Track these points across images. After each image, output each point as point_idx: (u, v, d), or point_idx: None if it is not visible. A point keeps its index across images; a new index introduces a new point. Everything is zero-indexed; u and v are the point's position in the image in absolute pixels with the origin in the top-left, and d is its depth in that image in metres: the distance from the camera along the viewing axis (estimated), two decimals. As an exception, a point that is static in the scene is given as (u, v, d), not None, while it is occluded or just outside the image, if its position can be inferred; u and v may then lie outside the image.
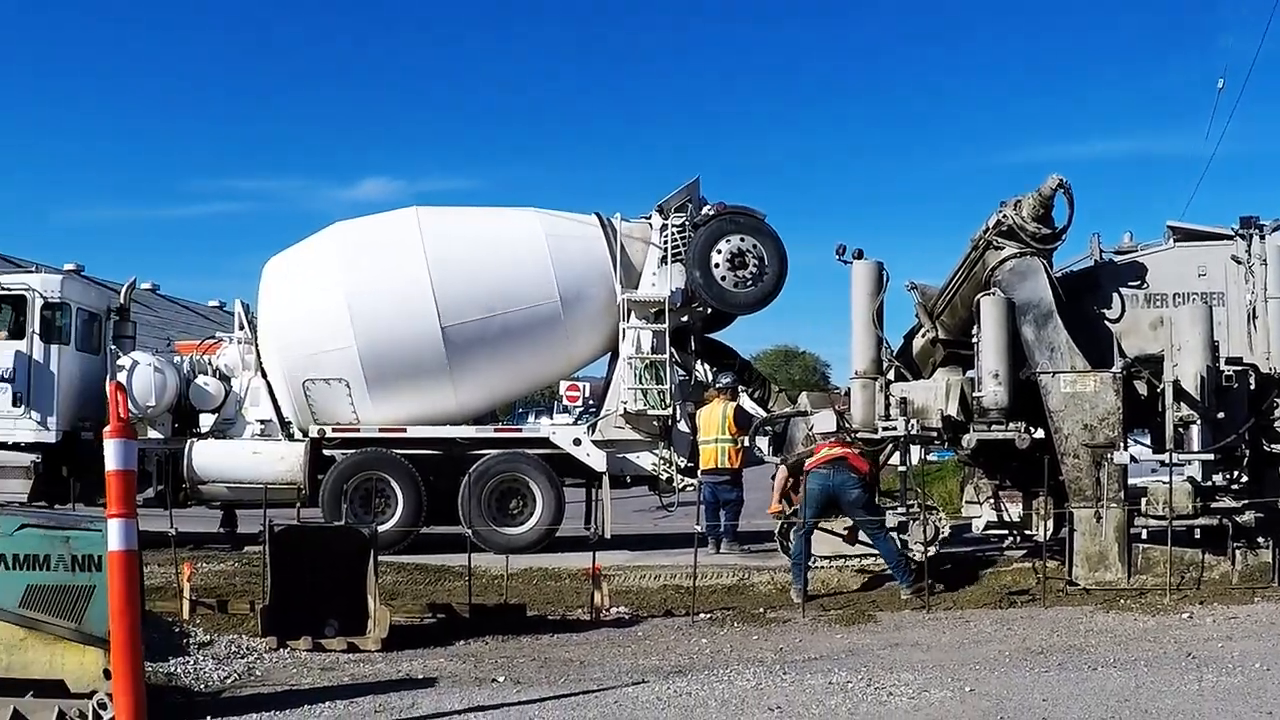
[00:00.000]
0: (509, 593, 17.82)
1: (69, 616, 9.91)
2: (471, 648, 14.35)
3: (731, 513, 23.28)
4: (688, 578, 18.58)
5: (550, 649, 14.34)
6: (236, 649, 13.66)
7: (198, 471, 25.05)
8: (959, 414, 19.92)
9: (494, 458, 24.72)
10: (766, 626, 16.09)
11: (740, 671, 12.48)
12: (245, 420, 25.89)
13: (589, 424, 25.38)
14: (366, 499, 24.32)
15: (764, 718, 10.34)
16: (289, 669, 12.82)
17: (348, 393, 24.78)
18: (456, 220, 26.37)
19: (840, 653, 13.91)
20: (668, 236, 25.12)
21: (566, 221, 25.85)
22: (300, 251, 26.29)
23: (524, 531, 24.32)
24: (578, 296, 25.03)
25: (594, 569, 17.21)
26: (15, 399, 25.09)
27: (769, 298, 25.24)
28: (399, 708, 10.76)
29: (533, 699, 11.17)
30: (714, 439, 23.30)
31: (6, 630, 9.92)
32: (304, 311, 25.12)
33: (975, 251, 20.02)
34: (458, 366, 24.65)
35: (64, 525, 10.46)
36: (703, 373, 25.89)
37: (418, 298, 24.41)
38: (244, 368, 26.15)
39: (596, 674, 12.61)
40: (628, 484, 25.57)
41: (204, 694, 11.45)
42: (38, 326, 25.27)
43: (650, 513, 26.18)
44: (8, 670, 9.91)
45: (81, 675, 9.83)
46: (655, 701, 10.99)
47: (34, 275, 26.55)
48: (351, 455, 24.91)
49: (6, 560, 9.98)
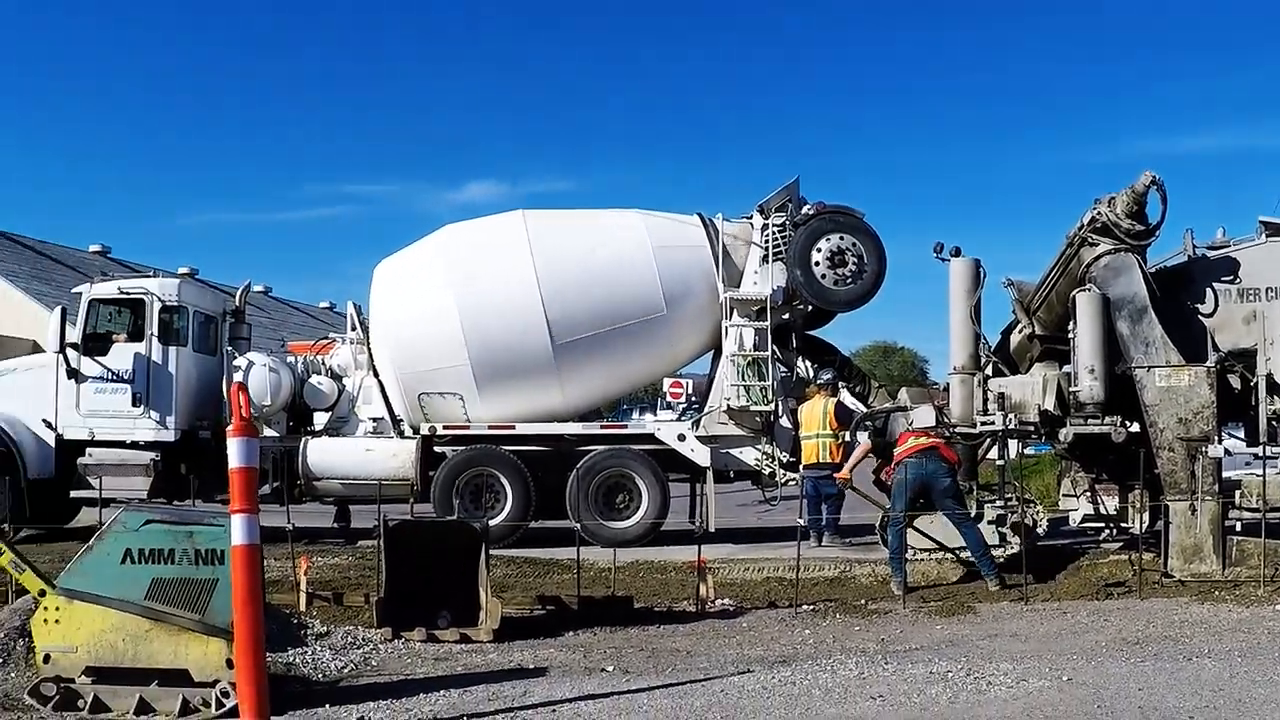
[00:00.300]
0: (616, 585, 17.84)
1: (192, 608, 10.08)
2: (581, 638, 14.42)
3: (833, 506, 23.26)
4: (790, 570, 18.63)
5: (657, 640, 14.38)
6: (352, 640, 13.78)
7: (312, 468, 25.35)
8: (1056, 408, 19.94)
9: (601, 453, 24.88)
10: (868, 618, 16.12)
11: (843, 661, 12.53)
12: (358, 418, 26.20)
13: (693, 420, 25.48)
14: (477, 494, 24.56)
15: (867, 706, 10.38)
16: (404, 659, 12.94)
17: (458, 393, 25.03)
18: (562, 223, 26.47)
19: (940, 643, 13.93)
20: (768, 236, 25.14)
21: (670, 222, 25.94)
22: (410, 254, 26.53)
23: (630, 525, 24.41)
24: (682, 296, 25.10)
25: (699, 562, 17.28)
26: (135, 399, 25.47)
27: (868, 295, 25.23)
28: (511, 696, 10.83)
29: (641, 688, 11.23)
30: (815, 434, 23.33)
31: (133, 622, 10.10)
32: (414, 313, 25.33)
33: (1070, 248, 19.98)
34: (565, 366, 24.79)
35: (187, 521, 10.65)
36: (804, 369, 25.87)
37: (525, 299, 24.56)
38: (356, 367, 26.42)
39: (703, 664, 12.67)
40: (731, 479, 25.55)
41: (321, 683, 11.59)
42: (156, 329, 25.63)
43: (753, 507, 26.25)
44: (134, 660, 10.10)
45: (204, 665, 10.01)
46: (761, 690, 11.05)
47: (152, 280, 26.84)
48: (462, 452, 25.13)
49: (133, 555, 10.17)
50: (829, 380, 24.17)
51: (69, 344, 25.49)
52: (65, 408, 25.59)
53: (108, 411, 25.48)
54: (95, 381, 25.52)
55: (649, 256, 25.00)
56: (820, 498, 23.09)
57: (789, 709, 10.24)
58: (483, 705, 10.43)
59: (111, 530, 10.37)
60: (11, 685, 10.67)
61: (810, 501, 22.63)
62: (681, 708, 10.26)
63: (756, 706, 10.30)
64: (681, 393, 31.88)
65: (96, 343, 25.68)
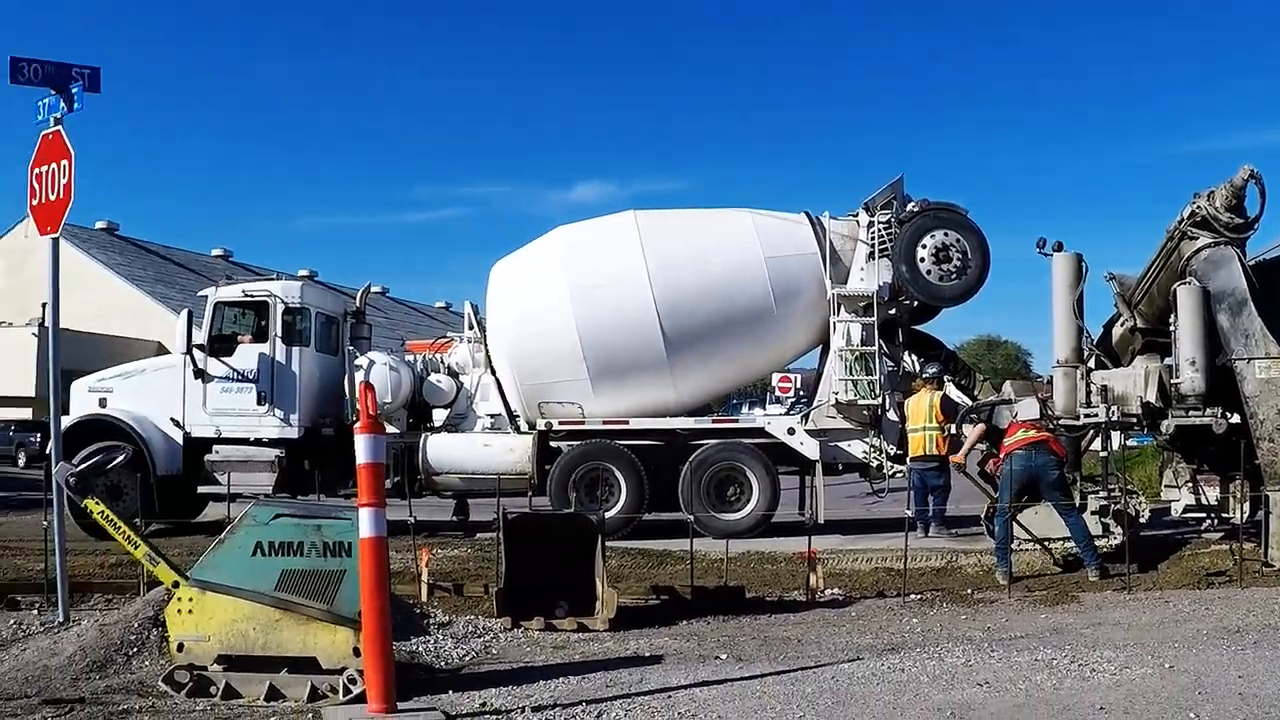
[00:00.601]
0: (728, 575, 17.88)
1: (321, 599, 10.25)
2: (694, 627, 14.48)
3: (940, 498, 23.30)
4: (898, 560, 18.66)
5: (769, 628, 14.41)
6: (473, 629, 13.91)
7: (432, 463, 25.64)
8: (1158, 400, 19.87)
9: (712, 447, 24.98)
10: (974, 607, 16.11)
11: (950, 649, 12.56)
12: (476, 415, 26.43)
13: (802, 414, 25.50)
14: (592, 487, 24.69)
15: (974, 692, 10.42)
16: (523, 647, 13.05)
17: (573, 390, 25.27)
18: (673, 222, 26.59)
19: (1045, 631, 13.93)
20: (874, 233, 25.18)
21: (778, 221, 26.00)
22: (525, 255, 26.76)
23: (741, 517, 24.50)
24: (790, 294, 25.18)
25: (809, 552, 17.32)
26: (260, 398, 25.88)
27: (973, 290, 25.21)
28: (628, 683, 10.89)
29: (754, 674, 11.27)
30: (922, 427, 23.35)
31: (263, 612, 10.29)
32: (530, 312, 25.58)
33: (1171, 242, 19.92)
34: (677, 362, 24.94)
35: (315, 515, 10.83)
36: (910, 363, 25.89)
37: (638, 297, 24.76)
38: (474, 365, 26.68)
39: (814, 651, 12.72)
40: (840, 471, 25.64)
41: (444, 671, 11.73)
42: (279, 330, 26.06)
43: (861, 498, 26.24)
44: (264, 648, 10.29)
45: (332, 653, 10.18)
46: (870, 677, 11.11)
47: (275, 282, 27.30)
48: (577, 446, 25.32)
49: (263, 547, 10.37)
50: (935, 374, 24.19)
51: (196, 345, 25.88)
52: (192, 407, 26.02)
53: (233, 410, 25.89)
54: (221, 381, 25.96)
55: (758, 255, 25.10)
56: (927, 489, 23.12)
57: (897, 695, 10.30)
58: (601, 692, 10.50)
59: (242, 524, 10.57)
60: (146, 673, 10.89)
61: (917, 493, 22.63)
62: (793, 694, 10.32)
63: (866, 692, 10.37)
64: (790, 387, 31.85)
65: (222, 344, 26.11)
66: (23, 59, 14.02)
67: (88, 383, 27.14)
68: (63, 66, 14.17)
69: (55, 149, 14.08)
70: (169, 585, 10.72)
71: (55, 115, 14.19)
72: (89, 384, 27.10)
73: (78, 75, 14.17)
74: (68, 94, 14.11)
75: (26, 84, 14.12)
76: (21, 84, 14.08)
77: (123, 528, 11.09)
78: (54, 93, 14.17)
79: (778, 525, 24.00)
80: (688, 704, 9.94)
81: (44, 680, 10.76)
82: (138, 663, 11.18)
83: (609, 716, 9.53)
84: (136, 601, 12.66)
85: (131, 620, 11.75)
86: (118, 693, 10.31)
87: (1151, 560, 18.91)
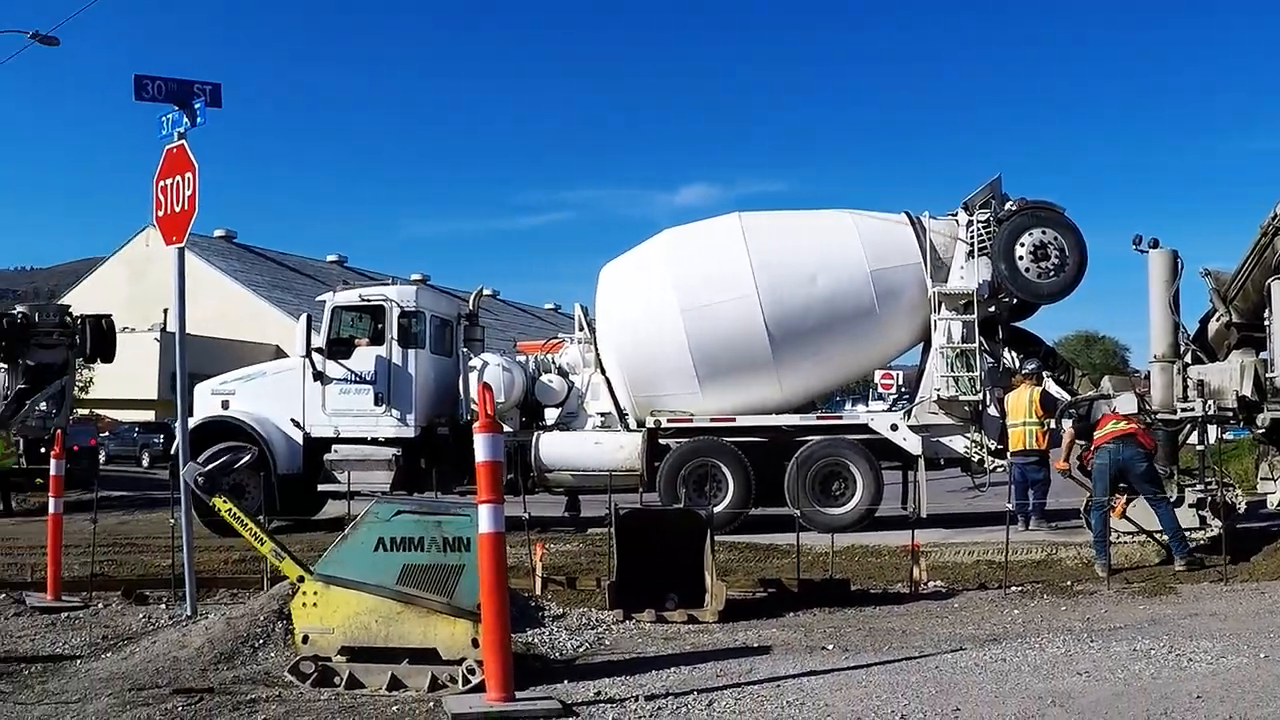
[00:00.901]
0: (834, 568, 17.86)
1: (441, 592, 10.39)
2: (801, 619, 14.49)
3: (1039, 491, 23.17)
4: (999, 553, 18.60)
5: (874, 620, 14.44)
6: (586, 621, 14.02)
7: (544, 461, 25.88)
8: (1253, 394, 19.78)
9: (817, 443, 25.03)
10: (1074, 598, 16.02)
11: (1050, 639, 12.56)
12: (586, 413, 26.69)
13: (905, 410, 25.56)
14: (700, 483, 24.90)
15: (1074, 681, 10.42)
16: (635, 639, 13.12)
17: (681, 388, 25.39)
18: (777, 223, 26.63)
19: (1143, 622, 13.90)
20: (973, 232, 25.19)
21: (879, 221, 26.01)
22: (633, 257, 26.98)
23: (846, 512, 24.51)
24: (892, 293, 25.21)
25: (913, 546, 17.35)
26: (377, 399, 26.17)
27: (1070, 287, 25.16)
28: (738, 672, 10.93)
29: (860, 664, 11.29)
30: (1022, 422, 23.30)
31: (385, 605, 10.45)
32: (639, 313, 25.79)
33: (1264, 238, 19.80)
34: (782, 361, 25.00)
35: (436, 511, 10.98)
36: (1010, 359, 25.80)
37: (744, 298, 24.83)
38: (584, 365, 26.91)
39: (918, 642, 12.75)
40: (941, 466, 25.61)
41: (559, 661, 11.85)
42: (395, 333, 26.33)
43: (963, 493, 26.24)
44: (386, 640, 10.45)
45: (452, 644, 10.32)
46: (973, 667, 11.15)
47: (391, 287, 27.56)
48: (686, 443, 25.44)
49: (385, 543, 10.53)
50: (1034, 370, 24.14)
51: (315, 348, 26.24)
52: (312, 408, 26.42)
53: (352, 411, 26.23)
54: (339, 383, 26.31)
55: (860, 255, 25.14)
56: (1027, 483, 23.02)
57: (999, 684, 10.33)
58: (711, 681, 10.54)
59: (365, 521, 10.74)
60: (271, 664, 11.06)
61: (1018, 487, 22.51)
62: (898, 683, 10.37)
63: (969, 682, 10.41)
64: (892, 384, 31.85)
65: (340, 347, 26.43)
66: (146, 77, 14.24)
67: (210, 385, 27.61)
68: (185, 83, 14.37)
69: (179, 162, 14.28)
70: (294, 580, 10.88)
71: (179, 130, 14.38)
72: (211, 387, 27.57)
73: (199, 91, 14.37)
74: (190, 109, 14.29)
75: (150, 100, 14.33)
76: (145, 101, 14.30)
77: (250, 525, 11.29)
78: (177, 108, 14.38)
79: (881, 519, 24.10)
80: (796, 693, 10.00)
81: (174, 671, 10.95)
82: (263, 654, 11.34)
83: (719, 705, 9.61)
84: (261, 596, 12.85)
85: (257, 614, 11.93)
86: (245, 683, 10.48)
87: (1247, 552, 18.76)
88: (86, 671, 11.23)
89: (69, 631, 13.49)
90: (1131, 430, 18.42)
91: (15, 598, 15.55)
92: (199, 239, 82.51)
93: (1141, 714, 9.12)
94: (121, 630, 13.42)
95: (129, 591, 15.87)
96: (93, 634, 13.24)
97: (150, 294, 79.94)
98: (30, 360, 36.16)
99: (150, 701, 9.82)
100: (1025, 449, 23.14)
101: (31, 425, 36.59)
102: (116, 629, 13.53)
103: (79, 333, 37.36)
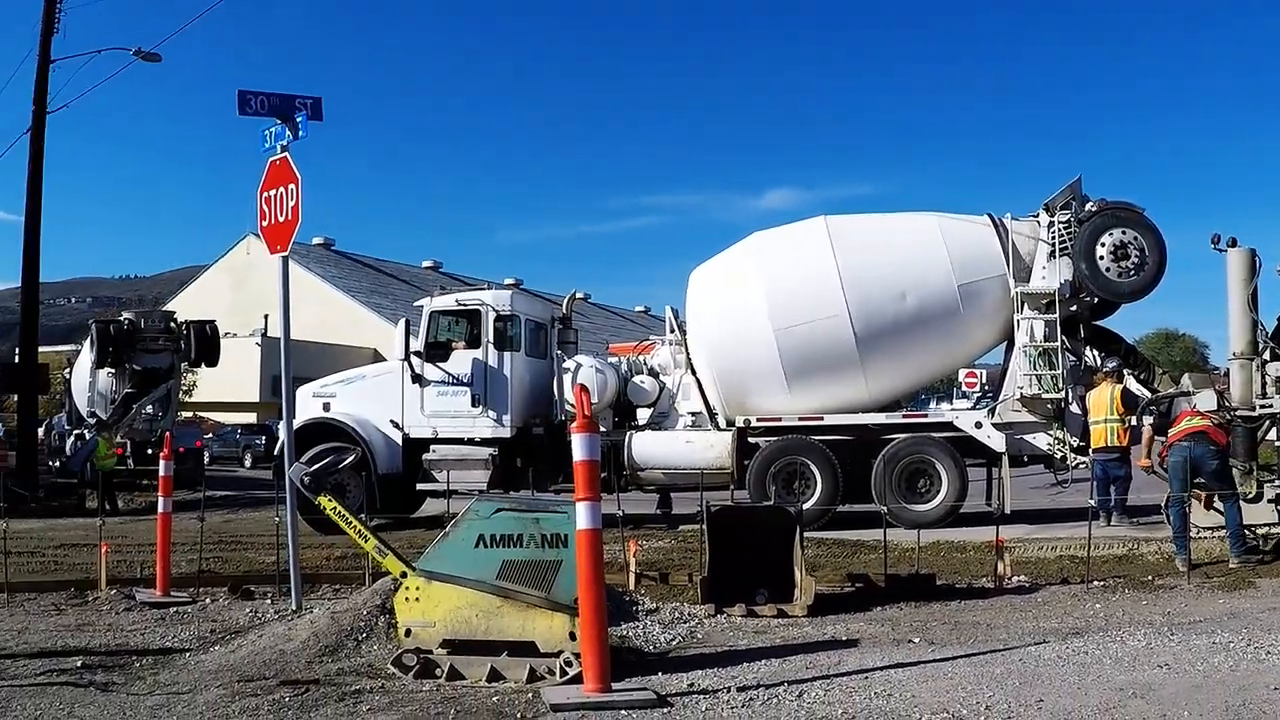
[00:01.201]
0: (919, 563, 17.80)
1: (539, 587, 10.52)
2: (888, 613, 14.50)
3: (1121, 488, 23.05)
4: (1081, 548, 18.47)
5: (958, 614, 14.42)
6: (679, 615, 14.08)
7: (637, 459, 26.04)
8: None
9: (903, 441, 25.06)
10: (1155, 593, 15.95)
11: (1132, 633, 12.55)
12: (677, 413, 26.81)
13: (988, 408, 25.49)
14: (789, 481, 24.92)
15: (1154, 673, 10.42)
16: (726, 632, 13.18)
17: (770, 388, 25.50)
18: (862, 226, 26.62)
19: (1222, 616, 13.86)
20: (1054, 232, 25.09)
21: (962, 223, 26.01)
22: (722, 260, 27.07)
23: (931, 508, 24.49)
24: (975, 293, 25.18)
25: (997, 541, 17.32)
26: (474, 400, 26.43)
27: (1150, 286, 25.05)
28: (827, 665, 10.98)
29: (945, 657, 11.32)
30: (1103, 419, 23.18)
31: (485, 599, 10.58)
32: (728, 314, 25.88)
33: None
34: (869, 361, 25.02)
35: (534, 509, 11.10)
36: (1091, 358, 25.64)
37: (831, 300, 24.86)
38: (675, 366, 27.06)
39: (1001, 635, 12.77)
40: (1025, 463, 25.49)
41: (653, 654, 11.91)
42: (491, 336, 26.59)
43: (1046, 489, 26.11)
44: (486, 633, 10.57)
45: (550, 637, 10.44)
46: (1056, 659, 11.15)
47: (486, 292, 27.74)
48: (774, 442, 25.51)
49: (485, 539, 10.66)
50: (1115, 367, 24.07)
51: (413, 352, 26.55)
52: (411, 409, 26.73)
53: (449, 412, 26.52)
54: (437, 385, 26.60)
55: (944, 256, 25.15)
56: (1109, 480, 22.92)
57: (1081, 676, 10.35)
58: (801, 673, 10.59)
59: (466, 518, 10.88)
60: (375, 656, 11.20)
61: (1099, 483, 22.39)
62: (983, 675, 10.40)
63: (1052, 674, 10.43)
64: (976, 382, 31.83)
65: (438, 350, 26.73)
66: (250, 92, 14.44)
67: (312, 388, 27.94)
68: (287, 98, 14.56)
69: (283, 174, 14.48)
70: (397, 575, 11.04)
71: (281, 143, 14.58)
72: (313, 389, 27.91)
73: (301, 105, 14.56)
74: (292, 123, 14.48)
75: (254, 115, 14.55)
76: (249, 115, 14.51)
77: (354, 523, 11.47)
78: (279, 122, 14.58)
79: (966, 515, 24.04)
80: (883, 684, 10.07)
81: (280, 663, 11.11)
82: (367, 647, 11.48)
83: (809, 696, 9.67)
84: (364, 591, 12.99)
85: (360, 608, 12.08)
86: (349, 675, 10.63)
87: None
88: (196, 664, 11.41)
89: (178, 625, 13.70)
90: (1204, 428, 18.36)
91: (126, 593, 15.82)
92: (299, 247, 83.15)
93: (1220, 705, 9.15)
94: (229, 624, 13.62)
95: (235, 587, 16.09)
96: (201, 628, 13.44)
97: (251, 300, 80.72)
98: (137, 365, 36.64)
99: (258, 693, 9.98)
100: (1107, 445, 23.03)
101: (138, 428, 37.07)
102: (224, 623, 13.74)
103: (184, 338, 37.83)
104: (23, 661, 11.54)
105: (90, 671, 11.02)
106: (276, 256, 14.70)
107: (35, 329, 38.47)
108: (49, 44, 37.70)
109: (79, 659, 11.53)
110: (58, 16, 37.78)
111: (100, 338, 36.18)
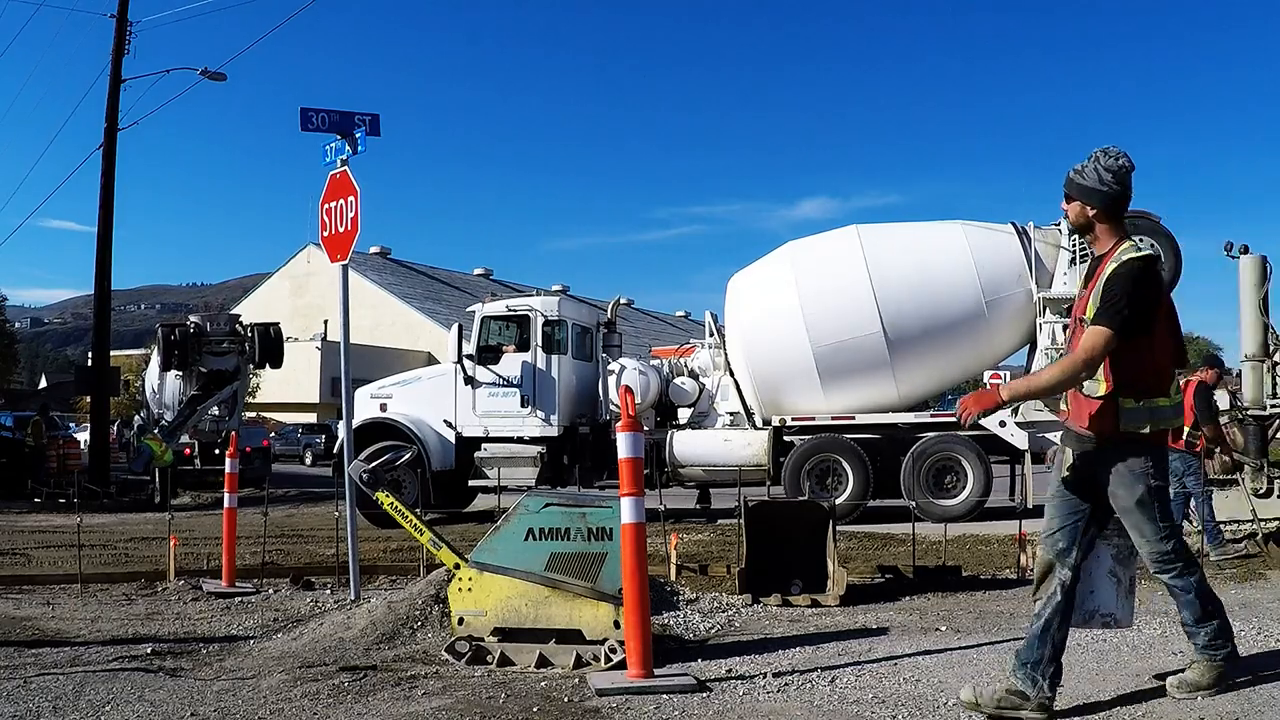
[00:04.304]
0: (946, 556, 17.76)
1: (585, 578, 10.53)
2: (916, 603, 14.45)
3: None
4: (1100, 541, 18.56)
5: (983, 603, 14.36)
6: (717, 605, 14.04)
7: (678, 457, 26.23)
8: (1341, 390, 19.68)
9: (931, 439, 25.17)
10: (1168, 584, 16.03)
11: (1147, 621, 12.46)
12: (716, 413, 26.97)
13: (1012, 408, 25.48)
14: (822, 477, 25.14)
15: (1169, 660, 10.33)
16: (762, 621, 13.14)
17: (805, 389, 25.57)
18: (892, 235, 26.73)
19: (1233, 605, 13.70)
20: (1075, 240, 25.02)
21: (987, 231, 26.01)
22: (760, 268, 27.18)
23: (958, 503, 24.60)
24: (1000, 299, 25.22)
25: (1019, 534, 17.28)
26: (523, 401, 26.54)
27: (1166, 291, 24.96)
28: (858, 651, 10.93)
29: (971, 644, 11.27)
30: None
31: (534, 589, 10.60)
32: (765, 319, 25.99)
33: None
34: (899, 364, 25.15)
35: (581, 503, 11.11)
36: (1109, 360, 25.70)
37: (862, 305, 24.99)
38: (714, 368, 27.20)
39: (1024, 623, 12.58)
40: (1046, 459, 25.54)
41: (693, 641, 11.88)
42: (540, 340, 26.72)
43: (1067, 484, 26.09)
44: (534, 622, 10.59)
45: (595, 626, 10.45)
46: (1075, 647, 11.06)
47: (535, 298, 27.86)
48: (808, 440, 25.66)
49: (534, 533, 10.68)
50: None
51: (465, 355, 26.72)
52: (463, 409, 26.88)
53: (500, 412, 26.64)
54: (488, 387, 26.71)
55: (970, 264, 25.20)
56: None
57: (1100, 662, 10.31)
58: (833, 659, 10.55)
59: (516, 513, 10.90)
60: (429, 644, 11.21)
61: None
62: (1006, 661, 10.40)
63: (1071, 660, 10.35)
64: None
65: (489, 353, 26.90)
66: (311, 109, 14.48)
67: (369, 390, 28.10)
68: (346, 114, 14.60)
69: (343, 187, 14.52)
70: (451, 567, 11.07)
71: (341, 157, 14.64)
72: (370, 391, 28.07)
73: (360, 121, 14.60)
74: (352, 139, 14.51)
75: (315, 131, 14.61)
76: (310, 131, 14.56)
77: (410, 517, 11.52)
78: (339, 137, 14.64)
79: (990, 510, 24.05)
80: (912, 670, 10.05)
81: (339, 650, 11.15)
82: (422, 635, 11.49)
83: (841, 682, 9.66)
84: (419, 581, 13.00)
85: (415, 598, 12.10)
86: (405, 661, 10.65)
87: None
88: (259, 650, 11.45)
89: (242, 614, 13.74)
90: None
91: (193, 584, 15.85)
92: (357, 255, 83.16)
93: (1232, 691, 9.15)
94: (291, 613, 13.66)
95: (297, 578, 16.13)
96: (264, 617, 13.47)
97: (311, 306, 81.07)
98: (204, 367, 36.76)
99: (319, 678, 10.02)
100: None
101: (204, 429, 37.20)
102: (286, 612, 13.78)
103: (249, 340, 37.93)
104: (96, 648, 11.59)
105: (159, 658, 11.06)
106: (337, 265, 14.75)
107: (107, 334, 38.75)
108: (120, 65, 38.06)
109: (149, 646, 11.58)
110: (129, 39, 38.09)
111: (166, 341, 36.30)
